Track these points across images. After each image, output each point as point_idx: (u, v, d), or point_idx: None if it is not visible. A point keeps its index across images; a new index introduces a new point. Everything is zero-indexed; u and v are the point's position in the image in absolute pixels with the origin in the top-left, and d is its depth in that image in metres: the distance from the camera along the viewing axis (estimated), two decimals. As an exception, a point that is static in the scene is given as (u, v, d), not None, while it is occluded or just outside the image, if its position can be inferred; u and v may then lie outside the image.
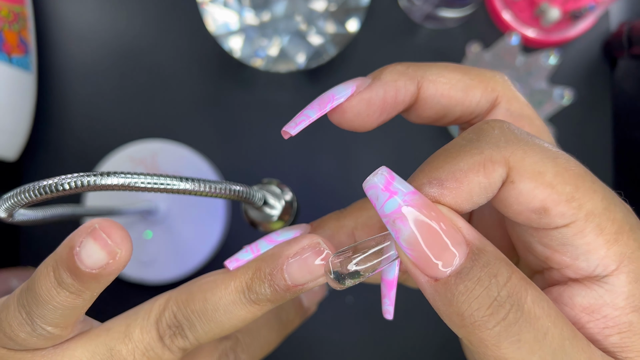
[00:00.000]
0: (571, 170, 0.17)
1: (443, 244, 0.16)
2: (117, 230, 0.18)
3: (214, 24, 0.44)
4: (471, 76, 0.21)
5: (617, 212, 0.17)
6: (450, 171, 0.17)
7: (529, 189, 0.16)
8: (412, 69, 0.20)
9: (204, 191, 0.21)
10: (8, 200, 0.19)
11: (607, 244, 0.17)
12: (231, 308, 0.20)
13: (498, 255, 0.17)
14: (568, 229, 0.17)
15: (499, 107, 0.21)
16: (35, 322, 0.20)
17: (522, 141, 0.17)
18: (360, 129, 0.21)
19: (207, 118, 0.51)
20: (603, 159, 0.50)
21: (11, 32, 0.45)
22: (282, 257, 0.20)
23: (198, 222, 0.48)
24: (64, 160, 0.51)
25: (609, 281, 0.17)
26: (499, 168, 0.17)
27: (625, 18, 0.51)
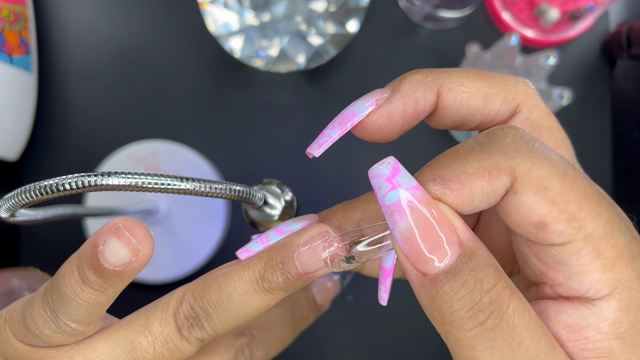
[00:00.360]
0: (578, 189, 0.16)
1: (437, 242, 0.17)
2: (140, 228, 0.19)
3: (215, 24, 0.44)
4: (492, 84, 0.20)
5: (619, 238, 0.17)
6: (455, 172, 0.17)
7: (531, 202, 0.16)
8: (431, 78, 0.20)
9: (204, 191, 0.21)
10: (9, 200, 0.20)
11: (603, 268, 0.17)
12: (246, 297, 0.21)
13: (488, 261, 0.17)
14: (564, 247, 0.17)
15: (519, 115, 0.21)
16: (59, 319, 0.20)
17: (532, 152, 0.17)
18: (383, 141, 0.22)
19: (208, 118, 0.51)
20: (602, 158, 0.50)
21: (12, 33, 0.46)
22: (293, 246, 0.20)
23: (198, 222, 0.48)
24: (65, 160, 0.51)
25: (598, 305, 0.17)
26: (503, 176, 0.17)
27: (624, 18, 0.51)
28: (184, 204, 0.48)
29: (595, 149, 0.50)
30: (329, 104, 0.51)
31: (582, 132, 0.50)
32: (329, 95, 0.51)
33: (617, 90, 0.51)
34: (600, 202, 0.17)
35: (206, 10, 0.44)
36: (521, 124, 0.20)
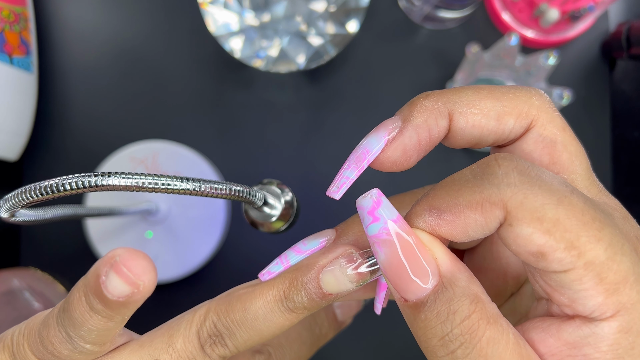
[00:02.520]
0: (575, 217, 0.16)
1: (415, 272, 0.18)
2: (138, 261, 0.18)
3: (215, 24, 0.44)
4: (504, 102, 0.20)
5: (622, 262, 0.17)
6: (449, 204, 0.18)
7: (526, 234, 0.17)
8: (441, 102, 0.20)
9: (204, 191, 0.21)
10: (9, 200, 0.20)
11: (606, 292, 0.17)
12: (270, 316, 0.21)
13: (466, 291, 0.17)
14: (566, 274, 0.17)
15: (533, 131, 0.20)
16: (74, 340, 0.21)
17: (526, 183, 0.17)
18: (401, 170, 0.21)
19: (208, 118, 0.51)
20: (601, 158, 0.50)
21: (12, 33, 0.46)
22: (318, 267, 0.21)
23: (198, 222, 0.48)
24: (65, 160, 0.51)
25: (600, 325, 0.17)
26: (496, 210, 0.17)
27: (623, 18, 0.51)
28: (184, 204, 0.48)
29: (595, 149, 0.50)
30: (329, 104, 0.51)
31: (581, 132, 0.50)
32: (329, 95, 0.51)
33: (617, 90, 0.51)
34: (601, 227, 0.17)
35: (206, 11, 0.44)
36: (534, 140, 0.20)
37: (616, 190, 0.50)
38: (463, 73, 0.45)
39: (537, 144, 0.20)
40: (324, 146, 0.51)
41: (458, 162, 0.50)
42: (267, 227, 0.28)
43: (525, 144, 0.20)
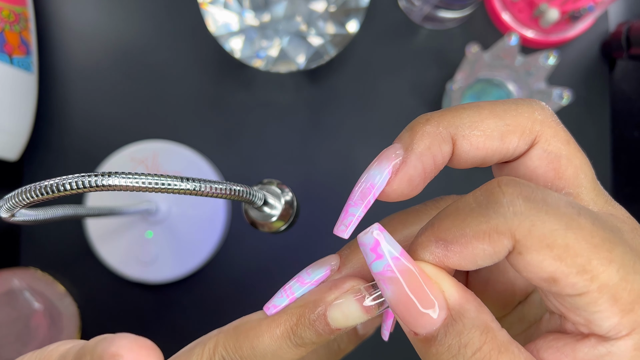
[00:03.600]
0: (584, 240, 0.16)
1: (424, 305, 0.17)
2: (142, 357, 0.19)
3: (215, 24, 0.44)
4: (507, 120, 0.20)
5: (635, 281, 0.17)
6: (456, 235, 0.18)
7: (537, 261, 0.16)
8: (443, 126, 0.20)
9: (204, 191, 0.21)
10: (10, 200, 0.20)
11: (622, 312, 0.17)
12: (278, 353, 0.21)
13: (475, 322, 0.17)
14: (580, 297, 0.17)
15: (537, 147, 0.20)
16: None
17: (532, 210, 0.17)
18: (408, 198, 0.21)
19: (208, 118, 0.51)
20: (601, 158, 0.50)
21: (12, 33, 0.46)
22: (325, 304, 0.20)
23: (198, 222, 0.48)
24: (65, 160, 0.51)
25: (616, 344, 0.17)
26: (504, 239, 0.17)
27: (623, 19, 0.51)
28: (184, 204, 0.48)
29: (594, 148, 0.50)
30: (329, 104, 0.51)
31: (581, 132, 0.50)
32: (329, 95, 0.51)
33: (617, 90, 0.51)
34: (611, 248, 0.17)
35: (206, 11, 0.44)
36: (539, 156, 0.20)
37: (616, 190, 0.50)
38: (463, 73, 0.45)
39: (542, 160, 0.20)
40: (324, 146, 0.51)
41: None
42: (267, 227, 0.28)
43: (530, 160, 0.20)
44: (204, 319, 0.50)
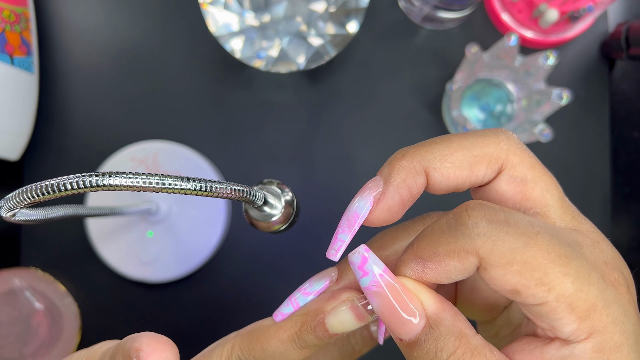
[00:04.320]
0: (542, 256, 0.19)
1: (403, 320, 0.20)
2: (159, 354, 0.22)
3: (215, 25, 0.44)
4: (474, 152, 0.22)
5: (590, 292, 0.19)
6: (431, 254, 0.20)
7: (500, 276, 0.19)
8: (417, 161, 0.22)
9: (205, 191, 0.21)
10: (10, 200, 0.20)
11: (579, 319, 0.19)
12: (285, 354, 0.25)
13: (451, 329, 0.20)
14: (541, 307, 0.19)
15: (504, 173, 0.22)
16: None
17: (493, 231, 0.19)
18: (389, 224, 0.24)
19: (208, 118, 0.51)
20: (601, 158, 0.50)
21: (13, 33, 0.46)
22: (324, 313, 0.24)
23: (199, 222, 0.48)
24: (66, 160, 0.51)
25: (577, 347, 0.19)
26: (470, 257, 0.19)
27: (623, 19, 0.52)
28: (185, 204, 0.48)
29: (594, 148, 0.50)
30: (329, 104, 0.51)
31: (581, 132, 0.50)
32: (329, 95, 0.51)
33: (616, 90, 0.52)
34: (567, 262, 0.19)
35: (207, 11, 0.44)
36: (506, 181, 0.22)
37: (615, 190, 0.50)
38: (462, 73, 0.45)
39: (509, 184, 0.22)
40: (324, 146, 0.51)
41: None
42: (267, 227, 0.28)
43: (498, 185, 0.22)
44: (204, 318, 0.50)
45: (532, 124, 0.45)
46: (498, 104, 0.49)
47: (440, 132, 0.50)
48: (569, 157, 0.50)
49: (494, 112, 0.49)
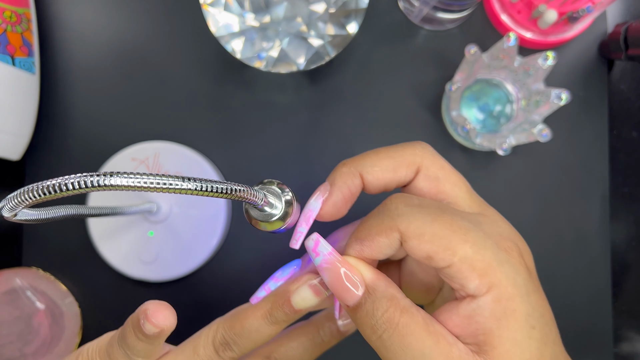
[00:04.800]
0: (446, 228, 0.24)
1: (347, 288, 0.26)
2: (162, 313, 0.28)
3: (216, 25, 0.44)
4: (396, 159, 0.29)
5: (485, 254, 0.24)
6: (366, 235, 0.26)
7: (416, 246, 0.24)
8: (354, 167, 0.29)
9: (205, 191, 0.21)
10: (12, 199, 0.20)
11: (480, 277, 0.24)
12: (260, 329, 0.31)
13: (384, 293, 0.25)
14: (450, 268, 0.24)
15: (421, 173, 0.29)
16: (130, 356, 0.31)
17: (410, 211, 0.25)
18: (338, 218, 0.30)
19: (209, 118, 0.51)
20: (600, 158, 0.50)
21: (14, 34, 0.46)
22: (289, 292, 0.29)
23: (199, 222, 0.48)
24: (67, 160, 0.51)
25: (480, 300, 0.24)
26: (394, 233, 0.25)
27: (621, 19, 0.52)
28: (185, 203, 0.48)
29: (593, 149, 0.50)
30: (328, 105, 0.51)
31: (580, 133, 0.50)
32: (329, 95, 0.51)
33: (615, 90, 0.52)
34: (466, 232, 0.24)
35: (207, 12, 0.44)
36: (422, 180, 0.29)
37: (614, 190, 0.51)
38: (462, 74, 0.45)
39: (425, 182, 0.29)
40: (324, 146, 0.51)
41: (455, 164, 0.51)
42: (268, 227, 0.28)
43: (417, 184, 0.29)
44: (205, 317, 0.50)
45: (531, 124, 0.45)
46: (497, 104, 0.49)
47: (440, 132, 0.50)
48: (568, 157, 0.50)
49: (493, 113, 0.49)
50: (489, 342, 0.24)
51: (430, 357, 0.24)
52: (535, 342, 0.25)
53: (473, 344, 0.25)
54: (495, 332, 0.24)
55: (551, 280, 0.49)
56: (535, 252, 0.49)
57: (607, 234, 0.50)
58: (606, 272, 0.50)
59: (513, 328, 0.24)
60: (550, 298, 0.32)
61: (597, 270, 0.50)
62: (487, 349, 0.24)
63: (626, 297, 0.50)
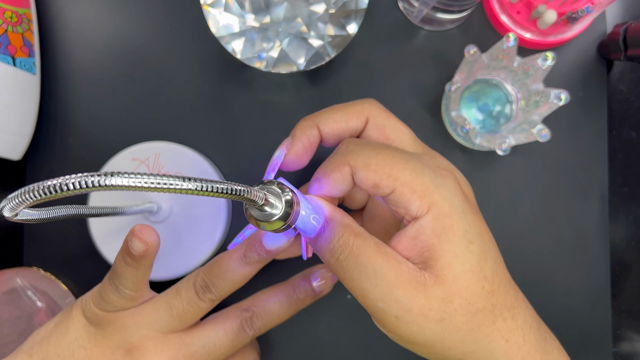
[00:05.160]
0: (388, 159, 0.28)
1: (308, 219, 0.29)
2: (148, 230, 0.33)
3: (216, 26, 0.44)
4: (347, 111, 0.33)
5: (424, 179, 0.28)
6: (323, 174, 0.30)
7: (364, 175, 0.28)
8: (311, 120, 0.33)
9: (206, 191, 0.22)
10: (13, 199, 0.20)
11: (420, 198, 0.27)
12: (236, 270, 0.35)
13: (341, 222, 0.29)
14: (394, 194, 0.28)
15: (369, 123, 0.33)
16: (119, 288, 0.35)
17: (358, 148, 0.29)
18: (301, 167, 0.34)
19: (209, 119, 0.51)
20: (599, 158, 0.50)
21: (15, 34, 0.46)
22: (261, 235, 0.34)
23: (200, 222, 0.48)
24: (67, 161, 0.51)
25: (422, 220, 0.27)
26: (345, 167, 0.29)
27: (620, 20, 0.52)
28: (186, 203, 0.48)
29: (592, 149, 0.50)
30: (328, 105, 0.51)
31: (579, 133, 0.50)
32: (329, 95, 0.51)
33: (614, 90, 0.52)
34: (406, 161, 0.28)
35: (208, 12, 0.44)
36: (371, 128, 0.33)
37: (613, 190, 0.51)
38: (461, 74, 0.45)
39: (374, 130, 0.33)
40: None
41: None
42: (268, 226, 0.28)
43: (368, 132, 0.33)
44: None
45: (530, 124, 0.45)
46: (497, 104, 0.49)
47: (440, 132, 0.50)
48: (567, 157, 0.50)
49: (493, 113, 0.49)
50: (432, 257, 0.27)
51: (381, 273, 0.27)
52: (475, 256, 0.27)
53: (420, 262, 0.28)
54: (437, 247, 0.27)
55: (550, 280, 0.49)
56: (535, 251, 0.49)
57: (607, 233, 0.50)
58: (605, 272, 0.50)
59: (452, 242, 0.27)
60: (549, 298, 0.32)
61: (597, 270, 0.50)
62: (432, 264, 0.27)
63: (625, 296, 0.50)
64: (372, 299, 0.27)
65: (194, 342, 0.36)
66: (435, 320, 0.27)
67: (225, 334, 0.37)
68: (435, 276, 0.27)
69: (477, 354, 0.28)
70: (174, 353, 0.35)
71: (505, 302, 0.28)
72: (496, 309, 0.28)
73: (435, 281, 0.27)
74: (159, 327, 0.35)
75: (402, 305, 0.27)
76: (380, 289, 0.27)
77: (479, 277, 0.27)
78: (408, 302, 0.27)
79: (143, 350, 0.35)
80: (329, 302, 0.49)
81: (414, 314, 0.27)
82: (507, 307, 0.29)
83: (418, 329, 0.27)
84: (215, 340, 0.37)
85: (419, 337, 0.27)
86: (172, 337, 0.36)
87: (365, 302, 0.28)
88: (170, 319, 0.35)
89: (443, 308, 0.27)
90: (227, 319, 0.38)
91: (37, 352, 0.36)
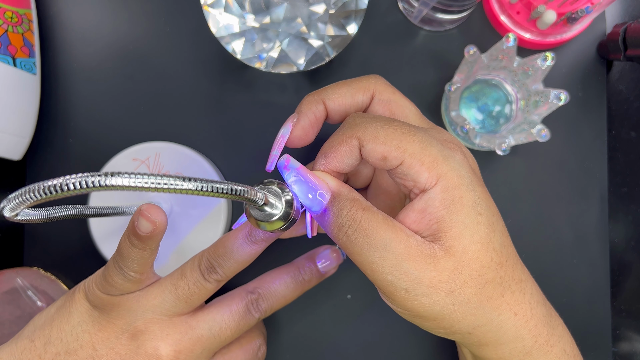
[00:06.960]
0: (396, 131, 0.28)
1: (315, 196, 0.29)
2: (155, 209, 0.31)
3: (216, 26, 0.44)
4: (353, 86, 0.33)
5: (432, 151, 0.27)
6: (330, 148, 0.30)
7: (372, 148, 0.28)
8: (317, 96, 0.33)
9: (206, 191, 0.22)
10: (13, 199, 0.20)
11: (428, 170, 0.27)
12: (241, 248, 0.34)
13: (348, 196, 0.28)
14: (402, 166, 0.27)
15: (375, 98, 0.32)
16: (124, 270, 0.33)
17: (364, 122, 0.29)
18: (307, 144, 0.34)
19: (210, 119, 0.51)
20: (598, 158, 0.50)
21: (15, 35, 0.46)
22: None
23: (200, 222, 0.48)
24: (68, 161, 0.51)
25: (431, 192, 0.27)
26: (353, 140, 0.28)
27: (620, 20, 0.52)
28: (186, 203, 0.48)
29: (591, 149, 0.50)
30: (328, 105, 0.51)
31: (579, 133, 0.50)
32: (328, 96, 0.51)
33: (614, 91, 0.52)
34: (414, 133, 0.28)
35: (208, 13, 0.44)
36: (377, 103, 0.32)
37: (613, 190, 0.51)
38: (461, 74, 0.45)
39: (379, 105, 0.32)
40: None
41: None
42: (268, 226, 0.28)
43: (373, 107, 0.32)
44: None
45: (530, 124, 0.45)
46: (496, 104, 0.49)
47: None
48: (567, 157, 0.50)
49: (492, 113, 0.49)
50: (441, 229, 0.27)
51: (390, 246, 0.27)
52: (484, 227, 0.27)
53: (429, 235, 0.27)
54: (446, 218, 0.27)
55: (550, 279, 0.49)
56: (535, 251, 0.49)
57: (606, 233, 0.50)
58: (605, 272, 0.50)
59: (462, 213, 0.27)
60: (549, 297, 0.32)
61: (596, 270, 0.50)
62: (441, 235, 0.27)
63: (625, 296, 0.50)
64: (381, 272, 0.27)
65: (199, 325, 0.36)
66: (445, 292, 0.26)
67: (231, 316, 0.37)
68: (445, 248, 0.27)
69: (486, 327, 0.28)
70: (179, 337, 0.35)
71: (513, 275, 0.28)
72: (505, 282, 0.28)
73: (444, 253, 0.26)
74: (164, 310, 0.35)
75: (411, 278, 0.26)
76: (389, 261, 0.26)
77: (488, 248, 0.27)
78: (418, 274, 0.26)
79: (148, 334, 0.34)
80: (330, 302, 0.49)
81: (424, 286, 0.26)
82: (515, 280, 0.28)
83: (428, 301, 0.27)
84: (221, 323, 0.36)
85: (429, 310, 0.27)
86: (177, 320, 0.35)
87: (374, 276, 0.27)
88: (176, 301, 0.35)
89: (453, 280, 0.26)
90: (232, 301, 0.38)
91: (39, 337, 0.35)
